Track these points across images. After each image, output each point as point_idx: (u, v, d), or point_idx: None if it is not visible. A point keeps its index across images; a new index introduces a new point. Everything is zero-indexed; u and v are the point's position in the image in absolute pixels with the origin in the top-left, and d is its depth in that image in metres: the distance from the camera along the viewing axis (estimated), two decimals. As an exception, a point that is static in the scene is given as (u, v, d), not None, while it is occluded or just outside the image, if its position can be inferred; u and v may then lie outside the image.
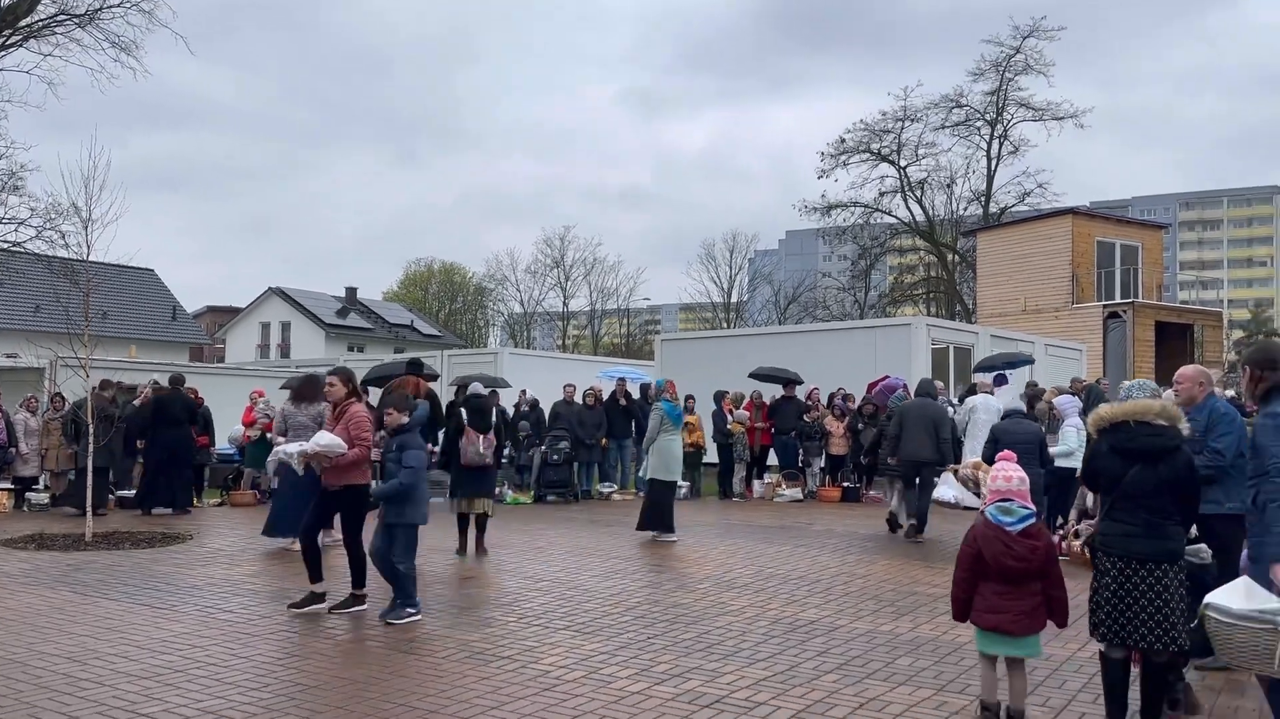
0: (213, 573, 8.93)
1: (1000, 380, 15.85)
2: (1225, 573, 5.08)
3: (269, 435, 15.19)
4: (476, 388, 10.61)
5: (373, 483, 7.80)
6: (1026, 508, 4.84)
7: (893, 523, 11.90)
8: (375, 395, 16.59)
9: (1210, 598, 4.25)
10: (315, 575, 7.45)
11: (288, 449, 7.58)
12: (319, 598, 7.41)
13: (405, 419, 7.37)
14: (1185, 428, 4.77)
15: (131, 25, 22.69)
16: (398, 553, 7.12)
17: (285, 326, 53.99)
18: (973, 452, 13.54)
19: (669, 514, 11.28)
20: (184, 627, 6.88)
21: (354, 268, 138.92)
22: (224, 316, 61.23)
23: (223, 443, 16.90)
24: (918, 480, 11.31)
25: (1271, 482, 4.28)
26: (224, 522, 12.78)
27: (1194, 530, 5.19)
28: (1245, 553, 4.71)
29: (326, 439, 7.28)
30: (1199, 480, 4.74)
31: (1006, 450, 5.55)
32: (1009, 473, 4.94)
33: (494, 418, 10.40)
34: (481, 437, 10.10)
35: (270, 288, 55.12)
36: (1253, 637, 4.08)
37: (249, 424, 15.19)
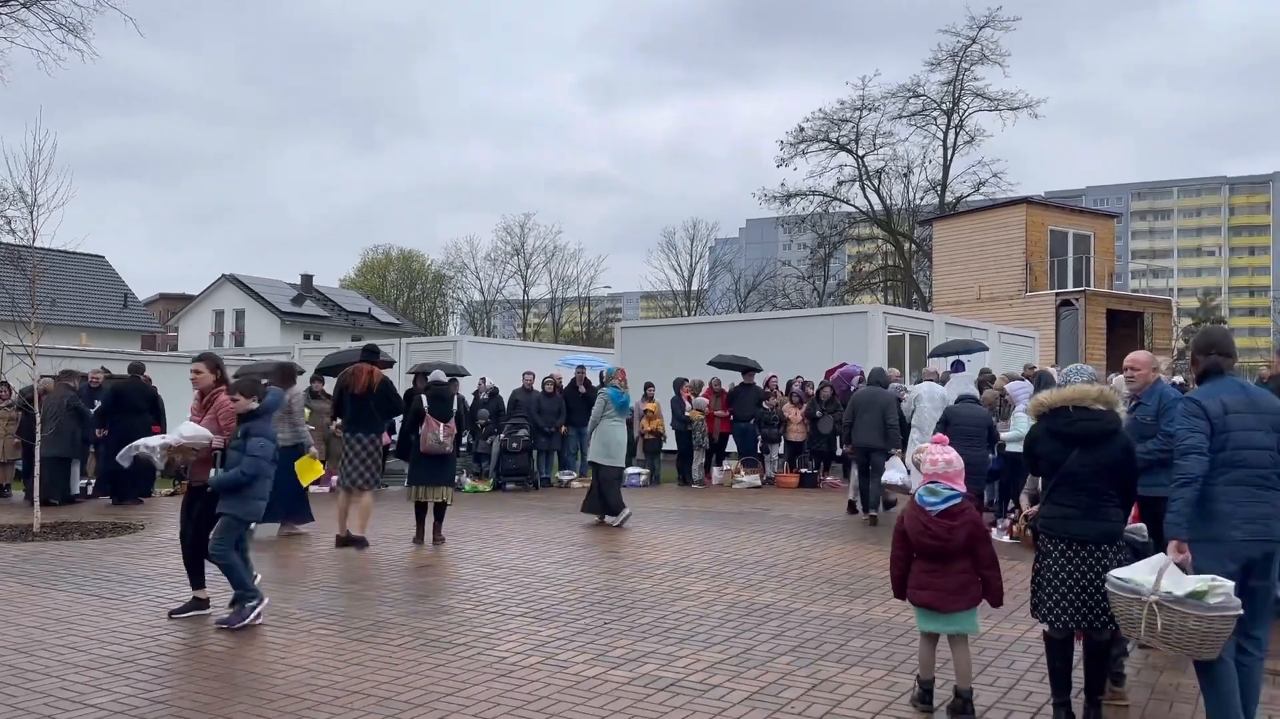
0: (164, 563, 8.81)
1: (958, 367, 16.07)
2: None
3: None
4: (438, 375, 10.55)
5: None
6: (952, 489, 4.92)
7: (852, 507, 12.24)
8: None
9: (1115, 570, 4.42)
10: (197, 582, 6.95)
11: (149, 442, 7.03)
12: (203, 604, 6.92)
13: (254, 405, 6.77)
14: (1123, 412, 4.87)
15: (79, 6, 22.15)
16: (214, 541, 6.55)
17: (239, 314, 53.22)
18: (921, 438, 13.81)
19: (614, 497, 11.45)
20: (134, 617, 6.78)
21: (310, 255, 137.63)
22: (177, 304, 60.24)
23: (174, 432, 16.63)
24: (869, 466, 11.62)
25: (1174, 463, 4.40)
26: (177, 512, 12.56)
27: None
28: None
29: (192, 430, 6.80)
30: (1136, 463, 4.84)
31: (939, 434, 5.64)
32: (937, 456, 5.04)
33: (455, 406, 10.34)
34: (442, 424, 10.04)
35: (224, 275, 54.29)
36: (1127, 605, 4.28)
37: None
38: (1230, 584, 4.19)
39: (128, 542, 10.05)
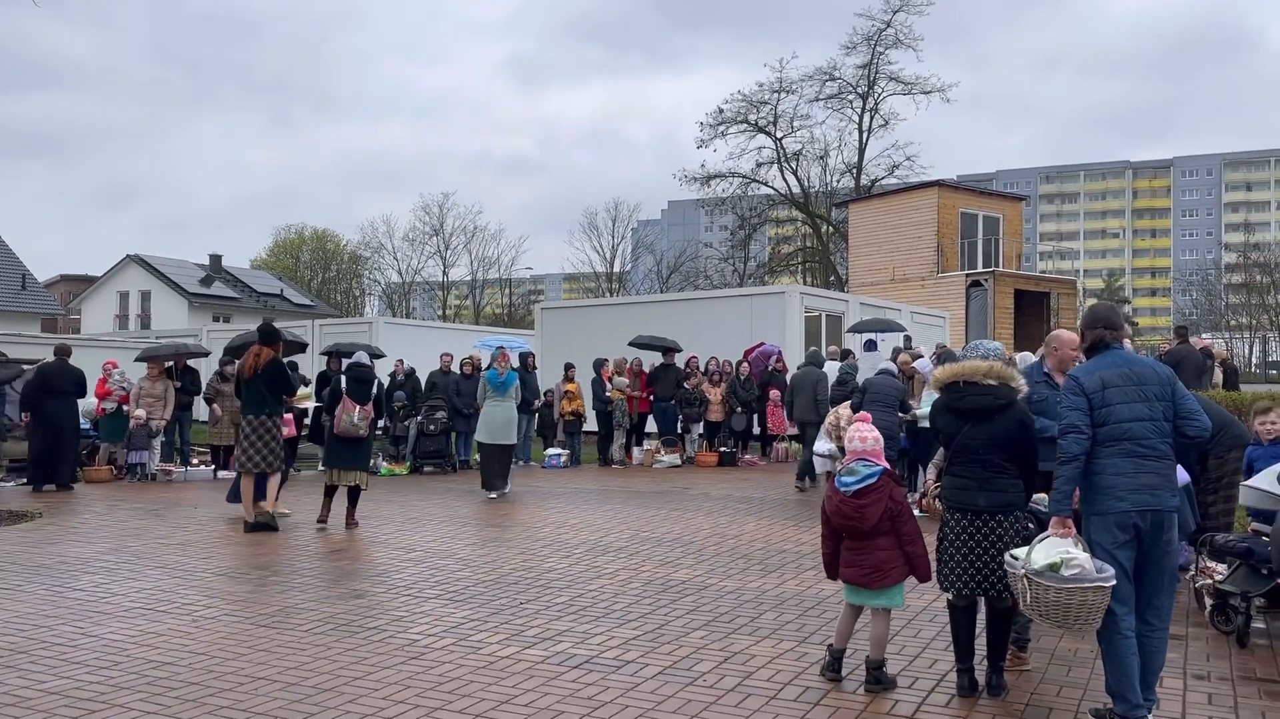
0: (63, 551, 8.48)
1: (870, 346, 16.37)
2: None
3: (124, 408, 14.53)
4: (361, 357, 10.41)
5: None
6: (870, 468, 4.98)
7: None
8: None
9: (1015, 549, 4.57)
10: None
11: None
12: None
13: None
14: (1020, 385, 5.00)
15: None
16: None
17: (145, 296, 51.42)
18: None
19: (499, 472, 12.31)
20: (29, 606, 6.52)
21: (221, 236, 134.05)
22: (79, 286, 57.99)
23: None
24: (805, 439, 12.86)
25: (1058, 442, 4.48)
26: (78, 499, 12.16)
27: None
28: None
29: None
30: (1032, 437, 4.94)
31: (863, 412, 5.72)
32: (864, 433, 5.10)
33: (374, 389, 10.16)
34: (358, 407, 9.87)
35: (129, 255, 52.36)
36: (1014, 580, 4.47)
37: (103, 396, 14.48)
38: (1083, 556, 4.29)
39: (24, 530, 9.66)
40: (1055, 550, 4.32)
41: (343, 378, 10.14)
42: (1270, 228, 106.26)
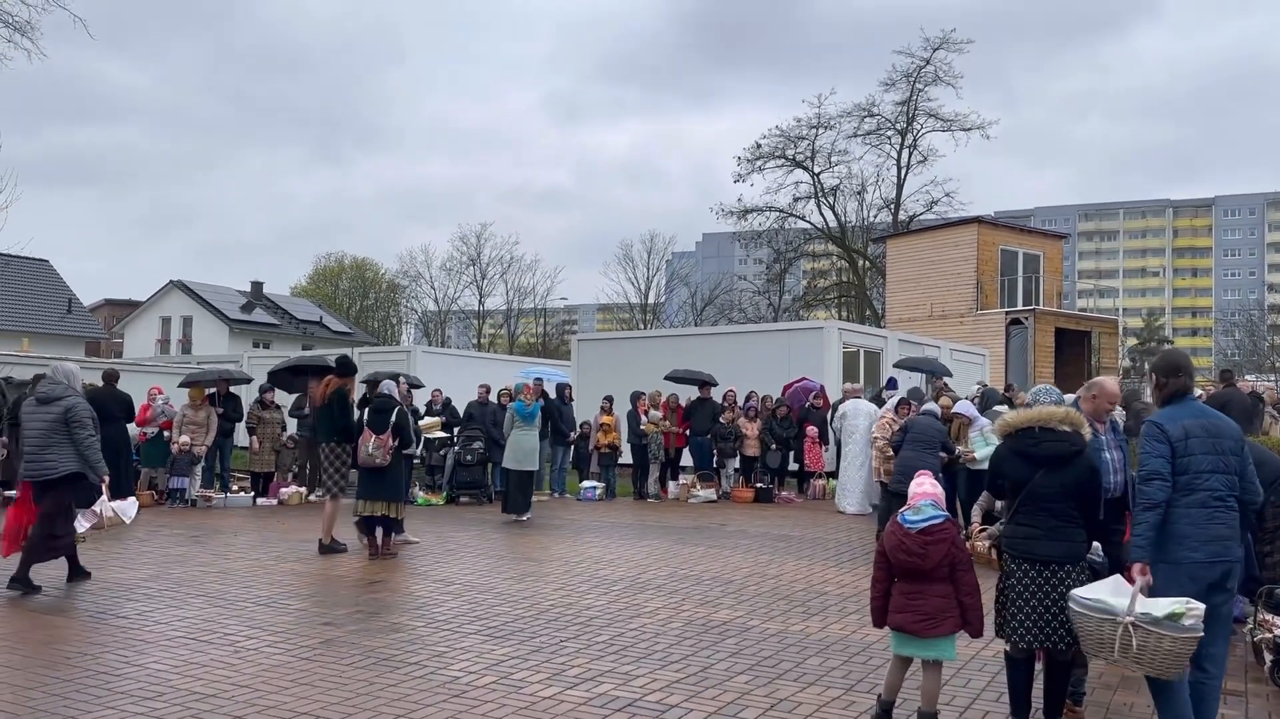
0: (105, 576, 8.53)
1: (891, 384, 16.21)
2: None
3: (165, 434, 14.69)
4: (389, 387, 10.44)
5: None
6: (938, 510, 4.93)
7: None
8: (284, 396, 16.23)
9: (1077, 590, 4.45)
10: None
11: None
12: None
13: None
14: (1088, 433, 4.91)
15: (27, 4, 21.65)
16: None
17: (187, 321, 52.22)
18: (851, 454, 14.07)
19: (522, 497, 12.93)
20: (72, 632, 6.56)
21: (263, 264, 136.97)
22: (122, 310, 58.99)
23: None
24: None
25: (1139, 488, 4.44)
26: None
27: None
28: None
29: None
30: (1100, 486, 4.87)
31: (924, 471, 5.63)
32: (926, 488, 5.05)
33: (396, 417, 10.20)
34: (374, 436, 9.97)
35: (171, 281, 53.25)
36: (1097, 626, 4.32)
37: (144, 422, 14.65)
38: (1202, 607, 4.24)
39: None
40: (1166, 599, 4.23)
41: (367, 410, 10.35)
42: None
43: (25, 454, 8.10)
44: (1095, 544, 5.61)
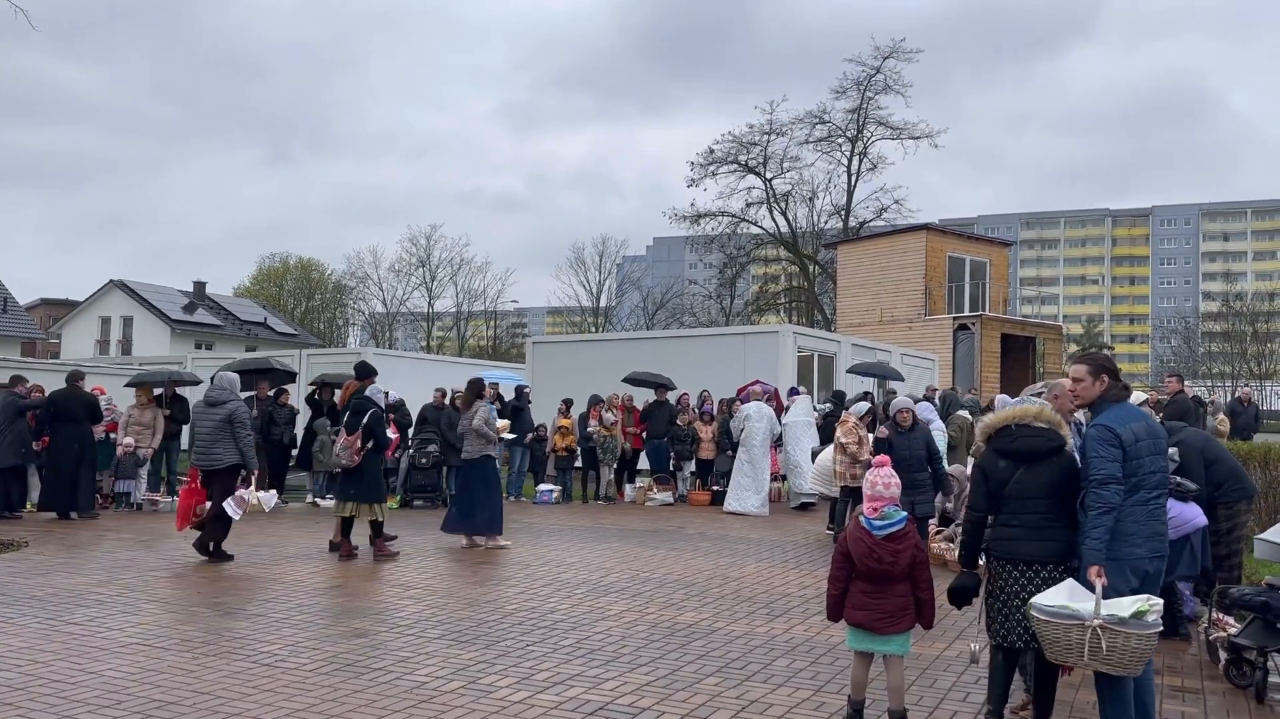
0: (54, 582, 8.30)
1: (793, 392, 16.37)
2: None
3: (111, 436, 14.32)
4: (374, 390, 10.62)
5: None
6: (899, 513, 4.97)
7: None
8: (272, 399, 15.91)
9: (1036, 598, 4.52)
10: None
11: None
12: None
13: None
14: (1066, 432, 4.97)
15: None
16: None
17: (127, 322, 51.03)
18: (748, 454, 14.15)
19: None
20: (23, 640, 6.35)
21: (209, 266, 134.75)
22: (60, 310, 57.56)
23: None
24: None
25: (1092, 491, 4.52)
26: (64, 527, 11.93)
27: None
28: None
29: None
30: (1080, 482, 4.93)
31: (882, 456, 5.66)
32: (887, 479, 5.06)
33: (369, 419, 10.12)
34: (345, 437, 10.02)
35: (111, 280, 52.02)
36: (1064, 632, 4.38)
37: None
38: (1160, 602, 4.33)
39: (11, 560, 9.45)
40: (1129, 598, 4.32)
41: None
42: (1248, 277, 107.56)
43: (195, 447, 10.03)
44: None
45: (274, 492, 11.25)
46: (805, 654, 6.48)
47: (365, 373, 10.88)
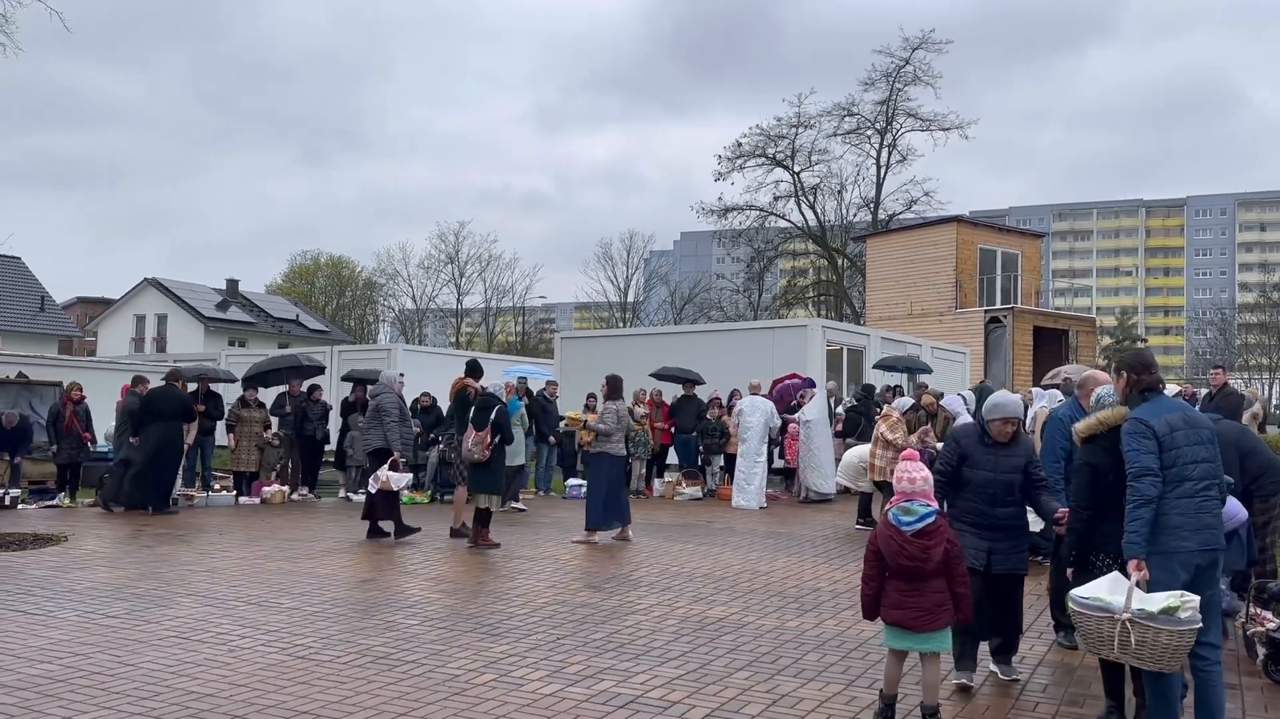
0: (92, 576, 8.44)
1: (810, 384, 16.31)
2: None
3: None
4: (496, 386, 11.05)
5: None
6: (928, 507, 4.93)
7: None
8: (270, 393, 16.09)
9: (1074, 590, 4.49)
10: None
11: None
12: None
13: None
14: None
15: (0, -1, 21.29)
16: None
17: (161, 319, 51.71)
18: (745, 448, 14.10)
19: (509, 489, 13.19)
20: (63, 633, 6.47)
21: (241, 264, 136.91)
22: (96, 308, 58.40)
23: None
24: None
25: (1130, 485, 4.50)
26: (101, 522, 12.12)
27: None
28: None
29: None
30: None
31: (911, 450, 5.63)
32: (914, 473, 5.03)
33: (496, 415, 10.59)
34: (475, 433, 10.47)
35: (146, 278, 52.71)
36: (1097, 624, 4.37)
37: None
38: (1196, 599, 4.29)
39: (50, 554, 9.61)
40: (1161, 594, 4.28)
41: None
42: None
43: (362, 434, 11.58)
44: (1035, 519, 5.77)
45: (408, 475, 11.67)
46: (836, 649, 6.46)
47: (474, 372, 11.52)
